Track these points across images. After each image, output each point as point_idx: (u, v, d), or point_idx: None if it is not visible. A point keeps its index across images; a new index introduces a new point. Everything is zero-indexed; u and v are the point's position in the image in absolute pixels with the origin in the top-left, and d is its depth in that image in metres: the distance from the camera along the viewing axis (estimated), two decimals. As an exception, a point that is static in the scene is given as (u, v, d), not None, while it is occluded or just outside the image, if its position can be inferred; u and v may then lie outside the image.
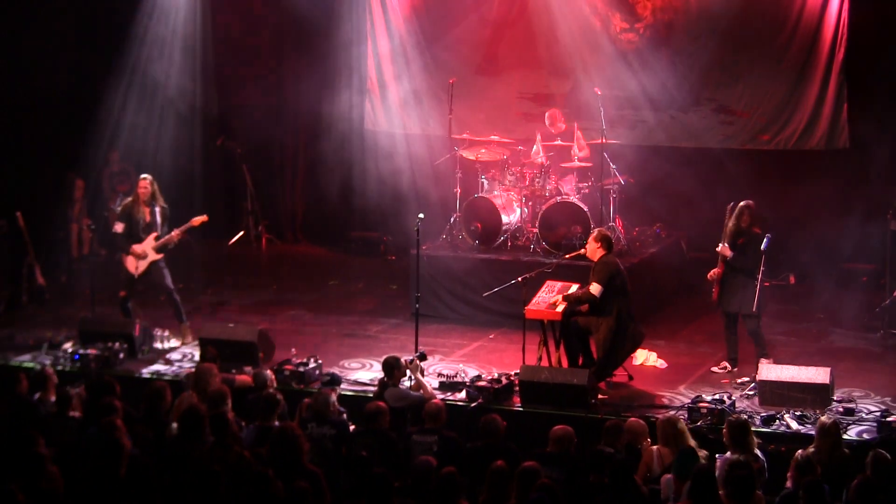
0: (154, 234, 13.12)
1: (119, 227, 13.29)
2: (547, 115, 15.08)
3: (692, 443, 9.49)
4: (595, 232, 12.14)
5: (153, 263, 13.17)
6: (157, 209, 13.22)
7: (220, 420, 9.24)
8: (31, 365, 12.48)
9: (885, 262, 14.05)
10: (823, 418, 9.82)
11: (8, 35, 16.32)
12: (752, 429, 10.44)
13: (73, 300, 15.06)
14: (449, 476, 8.21)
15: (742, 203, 12.22)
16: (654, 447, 9.51)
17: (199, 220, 13.18)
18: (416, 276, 13.29)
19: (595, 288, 11.73)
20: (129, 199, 13.40)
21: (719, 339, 13.38)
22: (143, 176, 13.36)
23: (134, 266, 13.20)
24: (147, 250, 13.14)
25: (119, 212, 13.50)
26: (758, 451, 9.33)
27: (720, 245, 12.22)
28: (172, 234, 13.07)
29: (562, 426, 9.42)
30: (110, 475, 8.27)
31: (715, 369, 12.38)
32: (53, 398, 10.34)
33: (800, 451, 9.22)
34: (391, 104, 17.19)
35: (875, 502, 8.16)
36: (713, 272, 12.30)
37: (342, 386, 11.44)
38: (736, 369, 12.27)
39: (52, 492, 8.23)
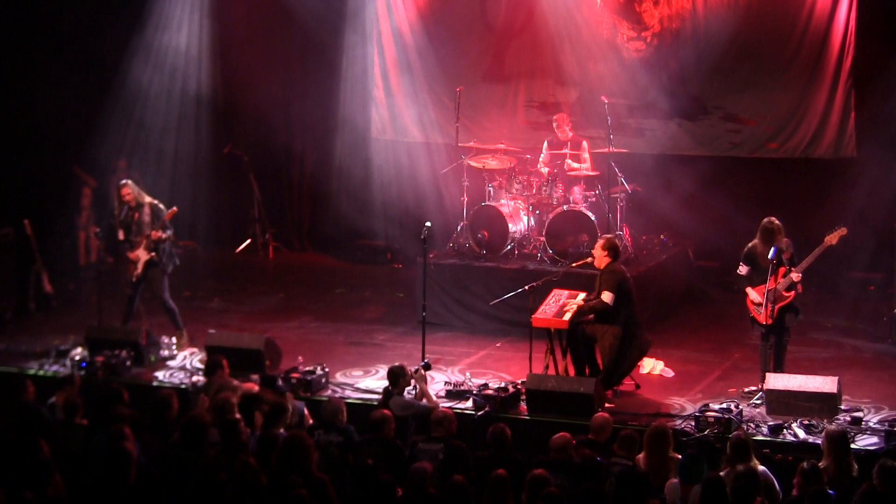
0: (146, 234, 13.31)
1: (120, 235, 13.55)
2: (555, 118, 15.07)
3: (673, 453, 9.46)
4: (602, 240, 12.09)
5: (147, 264, 13.34)
6: (146, 208, 13.38)
7: (230, 427, 9.24)
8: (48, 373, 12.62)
9: (892, 271, 14.01)
10: (831, 427, 9.77)
11: (14, 44, 16.34)
12: (760, 438, 10.46)
13: (80, 308, 15.09)
14: (458, 485, 8.21)
15: (775, 220, 11.76)
16: (640, 454, 9.49)
17: (170, 213, 13.33)
18: (422, 285, 13.28)
19: (607, 296, 11.69)
20: (118, 207, 13.60)
21: (727, 348, 13.36)
22: (122, 183, 13.55)
23: (133, 270, 13.42)
24: (139, 253, 13.36)
25: (120, 220, 13.63)
26: (762, 467, 9.25)
27: (794, 274, 11.50)
28: (152, 234, 13.22)
29: (561, 433, 9.41)
30: (118, 484, 8.26)
31: (750, 388, 11.87)
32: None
33: (808, 461, 9.18)
34: (398, 112, 17.20)
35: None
36: (762, 291, 11.53)
37: (347, 393, 11.42)
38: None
39: (57, 499, 8.22)
